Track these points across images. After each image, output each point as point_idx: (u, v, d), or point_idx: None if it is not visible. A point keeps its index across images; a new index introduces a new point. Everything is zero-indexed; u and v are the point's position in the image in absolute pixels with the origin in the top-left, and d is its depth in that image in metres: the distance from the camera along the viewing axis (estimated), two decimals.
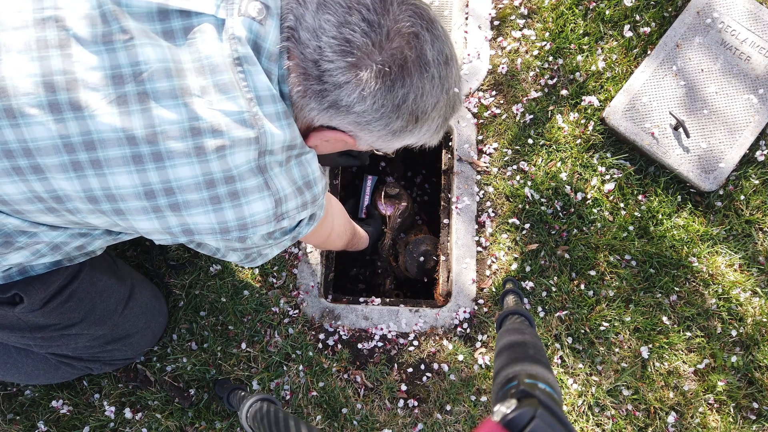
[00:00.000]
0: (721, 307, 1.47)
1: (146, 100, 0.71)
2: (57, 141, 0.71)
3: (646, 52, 1.61)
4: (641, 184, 1.54)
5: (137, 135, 0.71)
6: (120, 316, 1.23)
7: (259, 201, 0.79)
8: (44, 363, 1.26)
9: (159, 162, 0.73)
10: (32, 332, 1.10)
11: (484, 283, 1.51)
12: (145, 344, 1.38)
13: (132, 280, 1.29)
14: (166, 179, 0.74)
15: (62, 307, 1.08)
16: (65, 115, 0.70)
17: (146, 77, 0.71)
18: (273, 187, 0.80)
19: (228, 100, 0.73)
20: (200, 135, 0.73)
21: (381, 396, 1.43)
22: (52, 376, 1.31)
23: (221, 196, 0.77)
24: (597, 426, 1.41)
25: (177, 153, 0.73)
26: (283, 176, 0.80)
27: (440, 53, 0.78)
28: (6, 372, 1.27)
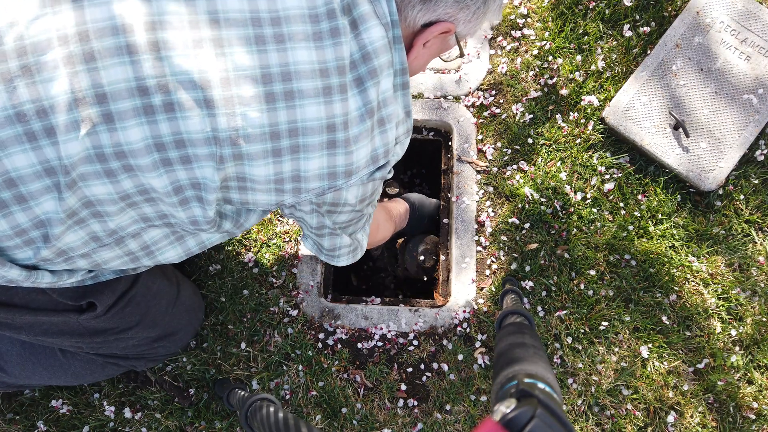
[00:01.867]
0: (721, 306, 1.47)
1: None
2: (195, 76, 0.70)
3: (645, 51, 1.61)
4: (641, 183, 1.54)
5: (327, 66, 0.73)
6: (170, 315, 1.25)
7: (391, 130, 0.82)
8: (91, 363, 1.27)
9: (331, 95, 0.74)
10: (91, 337, 1.12)
11: (483, 282, 1.51)
12: (187, 339, 1.40)
13: (177, 279, 1.30)
14: (344, 111, 0.75)
15: (122, 312, 1.10)
16: (268, 47, 0.71)
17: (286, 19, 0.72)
18: (399, 112, 0.82)
19: (366, 31, 0.75)
20: (356, 68, 0.75)
21: (381, 396, 1.43)
22: (99, 375, 1.32)
23: (375, 124, 0.79)
24: (597, 426, 1.41)
25: (342, 87, 0.74)
26: (405, 99, 0.83)
27: None
28: (52, 375, 1.27)
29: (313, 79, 0.73)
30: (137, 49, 0.68)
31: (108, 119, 0.69)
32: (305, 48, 0.72)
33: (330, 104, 0.74)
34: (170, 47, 0.68)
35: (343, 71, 0.74)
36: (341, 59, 0.73)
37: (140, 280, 1.11)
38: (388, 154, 0.84)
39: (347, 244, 1.02)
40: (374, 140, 0.80)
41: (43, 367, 1.25)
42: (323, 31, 0.73)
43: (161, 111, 0.70)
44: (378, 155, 0.82)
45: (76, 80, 0.67)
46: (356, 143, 0.78)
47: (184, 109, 0.70)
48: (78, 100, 0.68)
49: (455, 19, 0.82)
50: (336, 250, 1.02)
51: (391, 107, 0.80)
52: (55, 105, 0.68)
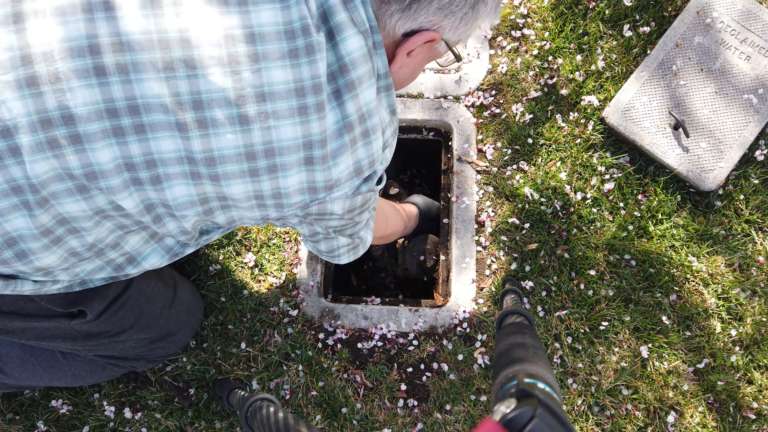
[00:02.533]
0: (721, 306, 1.48)
1: None
2: (166, 100, 0.69)
3: (645, 51, 1.61)
4: (641, 183, 1.54)
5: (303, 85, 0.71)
6: (166, 317, 1.25)
7: (377, 141, 0.80)
8: (91, 365, 1.27)
9: (308, 115, 0.72)
10: (85, 341, 1.11)
11: (483, 282, 1.51)
12: (186, 339, 1.40)
13: (174, 280, 1.30)
14: (322, 129, 0.73)
15: (114, 316, 1.09)
16: (242, 68, 0.69)
17: None
18: (383, 118, 0.80)
19: (343, 41, 0.72)
20: (335, 80, 0.73)
21: (381, 395, 1.43)
22: (99, 376, 1.32)
23: (357, 137, 0.77)
24: (597, 426, 1.41)
25: (319, 105, 0.72)
26: (389, 100, 0.81)
27: None
28: (53, 376, 1.27)
29: (288, 100, 0.71)
30: (105, 71, 0.66)
31: (76, 140, 0.68)
32: (281, 67, 0.70)
33: (307, 123, 0.72)
34: (140, 69, 0.67)
35: (320, 89, 0.72)
36: (317, 77, 0.71)
37: (133, 284, 1.11)
38: (374, 164, 0.81)
39: (345, 244, 1.01)
40: (357, 153, 0.78)
41: (43, 368, 1.25)
42: (299, 48, 0.70)
43: (131, 132, 0.69)
44: (362, 167, 0.80)
45: (40, 102, 0.66)
46: (334, 158, 0.76)
47: (155, 130, 0.69)
48: (43, 122, 0.67)
49: (440, 27, 0.78)
50: (334, 251, 1.01)
51: (376, 117, 0.77)
52: (18, 125, 0.67)
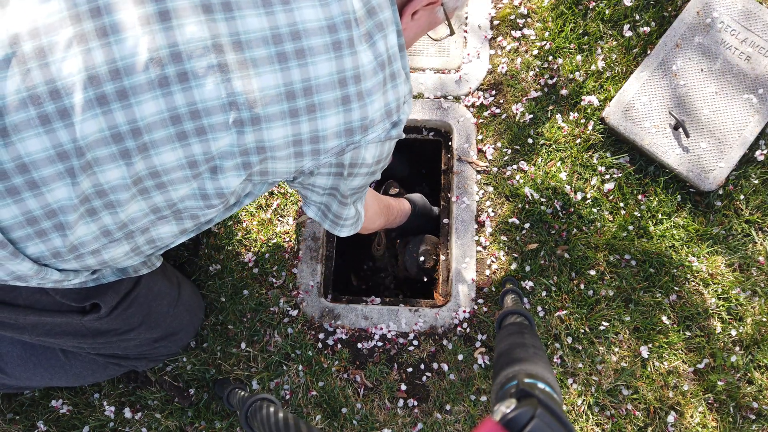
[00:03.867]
0: (721, 306, 1.47)
1: None
2: (208, 42, 0.71)
3: (645, 51, 1.61)
4: (641, 183, 1.54)
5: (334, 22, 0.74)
6: (171, 316, 1.26)
7: (402, 85, 0.83)
8: (92, 363, 1.27)
9: (341, 50, 0.75)
10: (93, 338, 1.12)
11: (483, 282, 1.51)
12: (187, 339, 1.40)
13: (177, 279, 1.30)
14: (356, 65, 0.76)
15: (124, 314, 1.10)
16: (275, 8, 0.72)
17: None
18: (403, 71, 0.83)
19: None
20: (372, 17, 0.76)
21: (381, 396, 1.43)
22: (100, 375, 1.32)
23: (387, 77, 0.80)
24: (597, 426, 1.41)
25: (350, 41, 0.75)
26: (404, 61, 0.84)
27: None
28: (54, 376, 1.27)
29: (322, 36, 0.73)
30: (147, 20, 0.68)
31: (122, 96, 0.69)
32: (311, 6, 0.73)
33: (340, 59, 0.75)
34: (180, 16, 0.69)
35: (350, 25, 0.74)
36: (346, 14, 0.74)
37: (142, 282, 1.11)
38: (400, 108, 0.85)
39: (352, 215, 1.04)
40: (387, 94, 0.81)
41: (44, 368, 1.25)
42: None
43: (175, 82, 0.70)
44: (391, 109, 0.83)
45: (89, 57, 0.68)
46: (369, 96, 0.79)
47: (198, 77, 0.71)
48: (92, 78, 0.68)
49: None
50: (341, 219, 1.04)
51: (399, 63, 0.81)
52: (68, 85, 0.68)
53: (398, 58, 0.81)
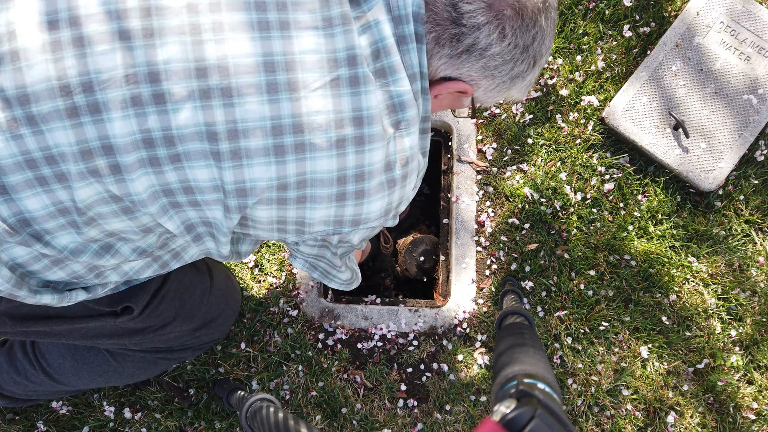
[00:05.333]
0: (721, 306, 1.48)
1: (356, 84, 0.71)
2: (267, 122, 0.69)
3: (645, 52, 1.61)
4: (641, 184, 1.54)
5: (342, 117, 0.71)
6: (206, 304, 1.25)
7: (411, 183, 0.81)
8: (142, 362, 1.28)
9: (360, 146, 0.72)
10: (130, 337, 1.12)
11: (483, 282, 1.51)
12: (228, 324, 1.39)
13: (207, 266, 1.30)
14: (361, 164, 0.73)
15: (157, 310, 1.10)
16: (280, 95, 0.69)
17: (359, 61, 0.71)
18: (421, 162, 0.80)
19: (395, 82, 0.72)
20: (391, 114, 0.73)
21: (380, 396, 1.43)
22: (152, 371, 1.33)
23: (396, 179, 0.77)
24: (597, 426, 1.41)
25: (375, 137, 0.72)
26: (423, 143, 0.81)
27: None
28: (109, 379, 1.28)
29: (327, 132, 0.70)
30: (141, 101, 0.66)
31: (115, 171, 0.69)
32: (322, 96, 0.69)
33: (343, 156, 0.72)
34: (176, 101, 0.67)
35: (360, 123, 0.71)
36: (358, 110, 0.71)
37: (171, 276, 1.12)
38: (402, 205, 0.82)
39: (346, 278, 1.04)
40: (393, 194, 0.78)
41: (98, 373, 1.26)
42: (341, 77, 0.70)
43: (167, 162, 0.69)
44: (392, 208, 0.80)
45: (81, 132, 0.67)
46: (369, 196, 0.76)
47: (191, 159, 0.69)
48: (85, 152, 0.68)
49: (476, 84, 0.79)
50: (331, 275, 1.02)
51: (415, 162, 0.78)
52: (64, 154, 0.68)
53: (413, 158, 0.77)
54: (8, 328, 0.97)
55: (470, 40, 0.74)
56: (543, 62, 0.82)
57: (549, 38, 0.79)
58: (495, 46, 0.74)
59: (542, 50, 0.79)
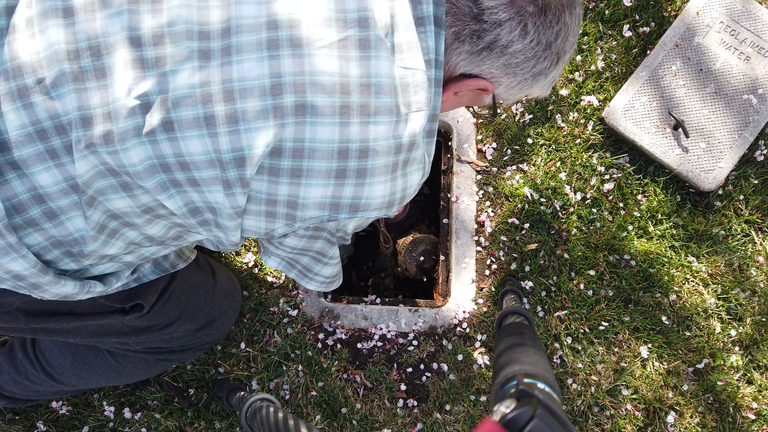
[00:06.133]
0: (721, 306, 1.48)
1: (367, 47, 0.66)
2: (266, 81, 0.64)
3: (645, 52, 1.61)
4: (640, 183, 1.54)
5: (349, 81, 0.65)
6: (209, 305, 1.25)
7: (416, 173, 0.75)
8: (143, 362, 1.28)
9: (349, 116, 0.66)
10: (136, 335, 1.12)
11: (483, 282, 1.51)
12: (229, 324, 1.38)
13: (210, 266, 1.29)
14: (365, 137, 0.67)
15: (163, 308, 1.10)
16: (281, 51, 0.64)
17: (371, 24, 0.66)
18: (425, 159, 0.75)
19: (411, 59, 0.68)
20: (405, 92, 0.68)
21: (380, 396, 1.43)
22: (152, 371, 1.33)
23: (399, 163, 0.71)
24: (597, 426, 1.41)
25: (364, 108, 0.66)
26: (429, 148, 0.76)
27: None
28: (109, 379, 1.29)
29: (331, 95, 0.65)
30: (142, 64, 0.65)
31: (108, 140, 0.67)
32: (327, 57, 0.65)
33: (346, 126, 0.66)
34: (174, 62, 0.66)
35: (367, 91, 0.66)
36: (366, 77, 0.65)
37: (178, 275, 1.11)
38: (404, 200, 0.76)
39: (328, 275, 0.96)
40: (396, 182, 0.72)
41: (98, 373, 1.26)
42: (350, 38, 0.65)
43: (161, 131, 0.66)
44: (394, 200, 0.74)
45: (84, 97, 0.66)
46: (372, 176, 0.70)
47: (183, 129, 0.66)
48: (84, 119, 0.66)
49: (497, 81, 0.76)
50: (312, 272, 0.95)
51: (421, 151, 0.73)
52: (61, 125, 0.67)
53: (420, 146, 0.72)
54: (21, 324, 0.97)
55: (491, 36, 0.71)
56: (567, 59, 0.79)
57: (573, 35, 0.76)
58: (517, 44, 0.71)
59: (566, 47, 0.76)
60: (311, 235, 0.80)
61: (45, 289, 0.79)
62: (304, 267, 0.92)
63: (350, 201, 0.72)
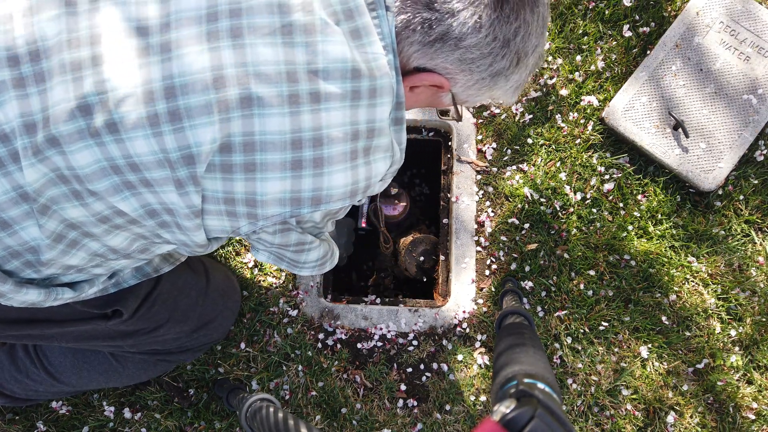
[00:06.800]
0: (720, 306, 1.48)
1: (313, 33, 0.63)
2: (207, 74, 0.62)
3: (645, 52, 1.61)
4: (640, 184, 1.54)
5: (296, 69, 0.63)
6: (202, 306, 1.23)
7: (382, 162, 0.71)
8: (143, 363, 1.27)
9: (316, 104, 0.63)
10: (123, 339, 1.11)
11: (483, 282, 1.51)
12: (227, 325, 1.37)
13: (204, 267, 1.27)
14: (318, 125, 0.64)
15: (149, 312, 1.08)
16: (221, 43, 0.62)
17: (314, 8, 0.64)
18: (394, 146, 0.73)
19: (371, 44, 0.66)
20: (359, 78, 0.65)
21: (380, 396, 1.43)
22: (152, 372, 1.32)
23: (359, 150, 0.68)
24: (596, 426, 1.41)
25: (315, 96, 0.63)
26: (398, 135, 0.74)
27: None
28: (109, 379, 1.28)
29: (278, 84, 0.62)
30: (80, 65, 0.63)
31: (54, 143, 0.64)
32: (271, 45, 0.62)
33: (297, 115, 0.63)
34: (114, 62, 0.63)
35: (316, 77, 0.63)
36: (314, 63, 0.63)
37: (163, 278, 1.09)
38: (368, 190, 0.73)
39: (313, 259, 0.94)
40: (357, 171, 0.70)
41: (98, 372, 1.26)
42: (295, 24, 0.62)
43: (106, 132, 0.64)
44: (358, 189, 0.71)
45: (26, 104, 0.64)
46: (330, 165, 0.67)
47: (127, 129, 0.63)
48: (27, 126, 0.64)
49: (453, 78, 0.73)
50: (300, 263, 0.93)
51: (385, 138, 0.70)
52: (4, 133, 0.65)
53: (386, 132, 0.70)
54: (0, 332, 0.96)
55: (443, 27, 0.68)
56: (530, 63, 0.75)
57: (536, 36, 0.72)
58: (471, 37, 0.68)
59: (527, 47, 0.72)
60: (281, 229, 0.79)
61: (9, 297, 0.77)
62: (290, 259, 0.90)
63: (311, 194, 0.69)
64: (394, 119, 0.72)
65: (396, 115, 0.71)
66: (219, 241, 0.86)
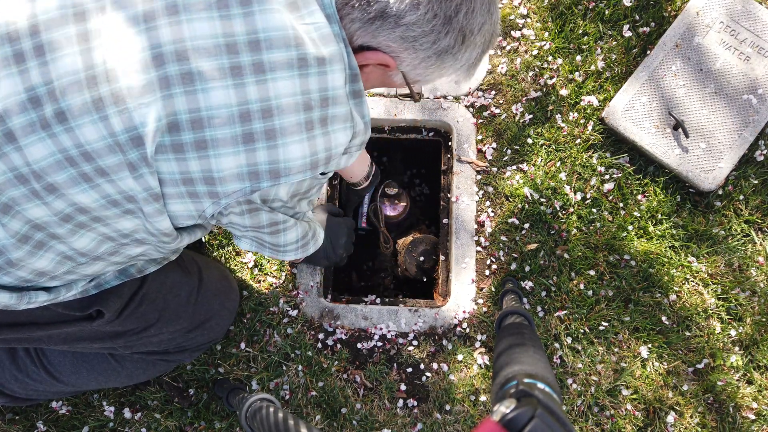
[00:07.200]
0: (720, 306, 1.48)
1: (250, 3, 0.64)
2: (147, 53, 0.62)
3: (645, 52, 1.61)
4: (640, 184, 1.54)
5: (236, 41, 0.63)
6: (194, 305, 1.22)
7: (341, 132, 0.71)
8: (142, 362, 1.27)
9: (242, 76, 0.63)
10: (113, 340, 1.10)
11: (483, 282, 1.51)
12: (224, 324, 1.36)
13: (198, 266, 1.26)
14: (265, 96, 0.64)
15: (136, 312, 1.07)
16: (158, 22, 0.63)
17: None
18: (354, 117, 0.72)
19: (311, 14, 0.66)
20: (303, 45, 0.64)
21: (380, 396, 1.43)
22: (151, 372, 1.32)
23: (314, 121, 0.67)
24: (596, 426, 1.41)
25: (258, 66, 0.63)
26: (359, 108, 0.73)
27: None
28: (108, 378, 1.28)
29: (218, 57, 0.62)
30: (23, 56, 0.63)
31: (10, 138, 0.64)
32: (207, 19, 0.62)
33: (241, 87, 0.63)
34: (54, 48, 0.63)
35: (258, 47, 0.63)
36: (254, 32, 0.63)
37: (150, 278, 1.09)
38: (330, 161, 0.73)
39: (293, 240, 0.92)
40: (314, 141, 0.69)
41: (98, 372, 1.25)
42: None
43: (55, 123, 0.64)
44: (318, 161, 0.71)
45: None
46: (283, 137, 0.66)
47: (75, 117, 0.63)
48: None
49: (398, 57, 0.73)
50: (281, 246, 0.92)
51: (343, 108, 0.70)
52: None
53: (339, 102, 0.69)
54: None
55: (380, 5, 0.68)
56: (478, 41, 0.75)
57: (480, 13, 0.72)
58: (410, 14, 0.68)
59: (472, 25, 0.72)
60: (248, 209, 0.77)
61: None
62: (270, 243, 0.89)
63: (267, 166, 0.68)
64: (352, 92, 0.71)
65: (353, 88, 0.71)
66: (190, 234, 0.85)
